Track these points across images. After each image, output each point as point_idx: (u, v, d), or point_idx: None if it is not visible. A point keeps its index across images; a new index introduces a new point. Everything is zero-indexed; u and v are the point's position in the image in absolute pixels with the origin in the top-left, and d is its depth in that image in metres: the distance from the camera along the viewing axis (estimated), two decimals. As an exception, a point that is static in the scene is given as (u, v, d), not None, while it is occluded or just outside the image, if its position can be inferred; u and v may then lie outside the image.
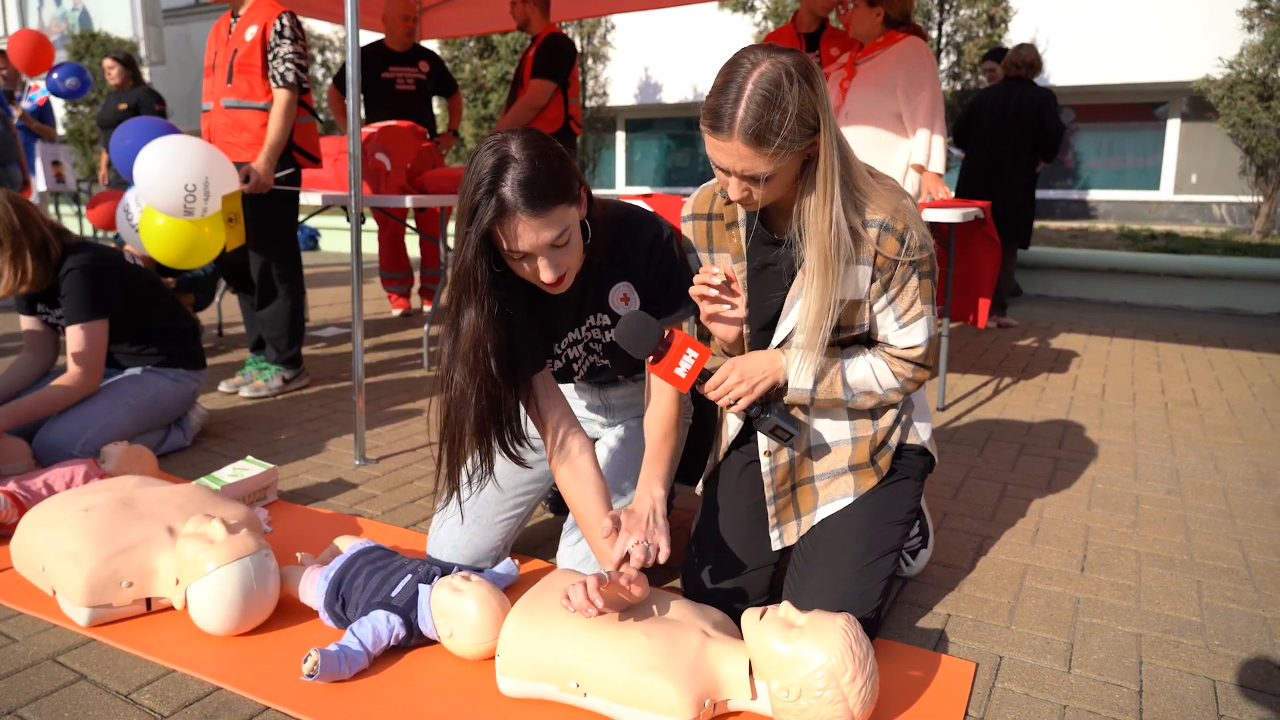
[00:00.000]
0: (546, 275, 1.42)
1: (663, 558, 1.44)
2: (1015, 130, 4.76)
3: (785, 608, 1.34)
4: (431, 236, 4.50)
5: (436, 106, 5.06)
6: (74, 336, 2.45)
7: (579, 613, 1.33)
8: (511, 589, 1.76)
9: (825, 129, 1.36)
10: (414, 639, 1.55)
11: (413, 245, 6.71)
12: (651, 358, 1.46)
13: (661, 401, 1.59)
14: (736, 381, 1.51)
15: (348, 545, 1.74)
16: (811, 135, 1.35)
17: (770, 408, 1.52)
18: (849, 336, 1.55)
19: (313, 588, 1.65)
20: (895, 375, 1.55)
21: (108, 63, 6.08)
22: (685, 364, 1.46)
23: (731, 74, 1.34)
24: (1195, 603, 1.79)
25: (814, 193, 1.40)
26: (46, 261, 2.42)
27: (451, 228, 4.39)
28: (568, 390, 1.91)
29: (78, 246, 2.48)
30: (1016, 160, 4.82)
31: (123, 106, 5.88)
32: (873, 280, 1.49)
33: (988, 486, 2.46)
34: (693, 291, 1.53)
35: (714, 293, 1.51)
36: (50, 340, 2.62)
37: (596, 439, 1.93)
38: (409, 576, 1.59)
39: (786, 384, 1.54)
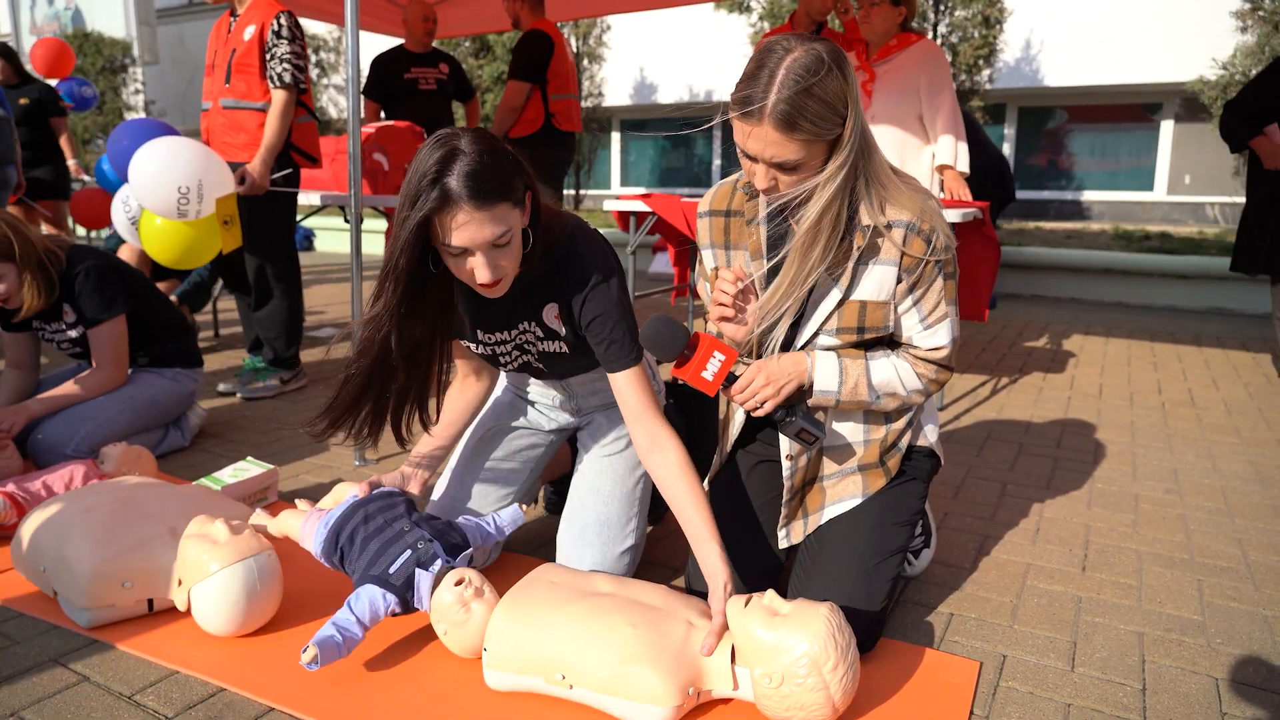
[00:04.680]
0: (482, 275, 1.39)
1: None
2: None
3: (770, 596, 1.34)
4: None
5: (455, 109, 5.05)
6: (98, 338, 2.49)
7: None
8: (504, 574, 1.73)
9: (852, 118, 1.35)
10: (409, 611, 1.54)
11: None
12: (676, 361, 1.44)
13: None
14: (763, 385, 1.48)
15: (348, 493, 1.70)
16: (840, 124, 1.34)
17: (795, 410, 1.50)
18: (873, 338, 1.54)
19: (312, 533, 1.64)
20: (919, 377, 1.54)
21: None
22: (712, 367, 1.43)
23: (763, 60, 1.32)
24: (1196, 601, 1.79)
25: (823, 173, 1.38)
26: (55, 273, 2.43)
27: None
28: (533, 385, 1.91)
29: (77, 251, 2.48)
30: None
31: (24, 101, 5.34)
32: (898, 281, 1.48)
33: (988, 486, 2.47)
34: (711, 299, 1.53)
35: (728, 299, 1.49)
36: (34, 353, 2.62)
37: (575, 429, 1.94)
38: (408, 553, 1.53)
39: (811, 386, 1.52)
